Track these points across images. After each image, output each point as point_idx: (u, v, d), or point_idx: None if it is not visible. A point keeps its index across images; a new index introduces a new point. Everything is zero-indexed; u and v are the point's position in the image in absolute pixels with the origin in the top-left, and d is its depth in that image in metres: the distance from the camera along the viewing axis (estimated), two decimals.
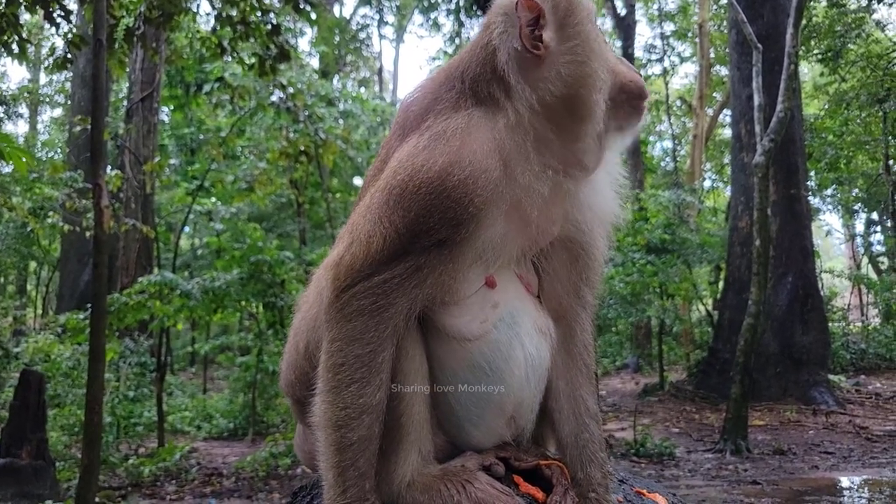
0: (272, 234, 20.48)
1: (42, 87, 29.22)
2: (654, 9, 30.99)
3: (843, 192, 24.52)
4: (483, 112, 1.71)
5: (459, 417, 1.84)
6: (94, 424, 5.34)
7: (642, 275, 15.52)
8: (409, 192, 1.62)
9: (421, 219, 1.61)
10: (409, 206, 1.62)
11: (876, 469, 9.43)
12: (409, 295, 1.66)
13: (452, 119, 1.69)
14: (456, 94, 1.76)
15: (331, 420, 1.65)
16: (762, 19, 15.21)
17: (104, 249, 5.59)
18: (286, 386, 2.05)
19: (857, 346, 18.72)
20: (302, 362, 1.90)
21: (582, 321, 1.98)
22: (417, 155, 1.66)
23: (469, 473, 1.75)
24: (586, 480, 1.84)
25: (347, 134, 16.92)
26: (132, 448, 11.19)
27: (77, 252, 18.75)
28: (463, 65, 1.79)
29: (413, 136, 1.74)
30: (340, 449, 1.63)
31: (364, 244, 1.65)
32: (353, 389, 1.63)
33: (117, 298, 10.57)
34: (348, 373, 1.64)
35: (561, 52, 1.70)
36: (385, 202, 1.65)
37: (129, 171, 14.94)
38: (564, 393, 1.93)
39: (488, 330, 1.78)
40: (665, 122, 31.47)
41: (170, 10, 8.32)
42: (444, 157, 1.62)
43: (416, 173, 1.63)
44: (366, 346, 1.64)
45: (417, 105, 1.83)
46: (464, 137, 1.65)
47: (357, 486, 1.63)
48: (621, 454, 10.66)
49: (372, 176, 1.88)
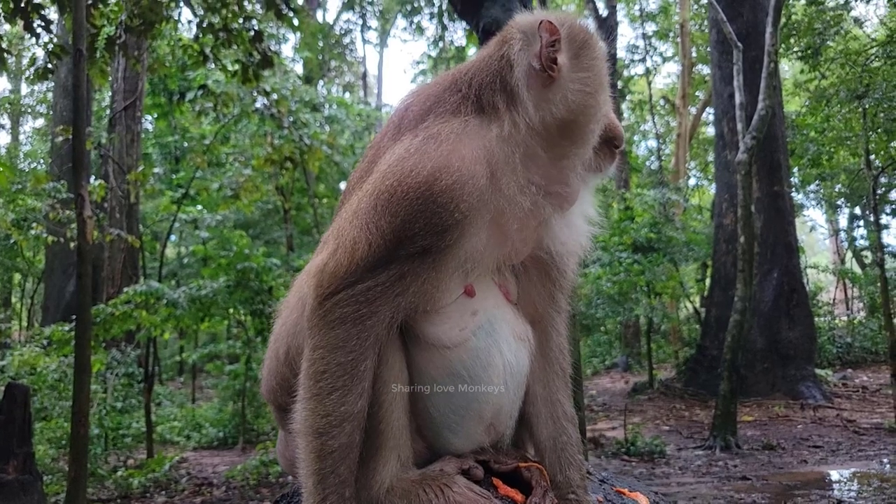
0: (259, 241, 20.43)
1: (23, 97, 29.01)
2: (635, 9, 31.15)
3: (825, 188, 24.69)
4: (480, 120, 1.75)
5: (438, 424, 1.84)
6: (80, 437, 5.30)
7: (629, 274, 15.60)
8: (396, 198, 1.62)
9: (407, 224, 1.61)
10: (396, 212, 1.61)
11: (864, 462, 9.51)
12: (393, 303, 1.66)
13: (449, 123, 1.72)
14: (459, 98, 1.79)
15: (312, 427, 1.64)
16: (742, 18, 15.35)
17: (88, 260, 5.56)
18: (267, 392, 2.03)
19: (842, 341, 18.90)
20: (282, 369, 1.89)
21: (557, 325, 2.00)
22: (408, 158, 1.67)
23: (447, 478, 1.75)
24: (565, 482, 1.87)
25: (333, 139, 16.89)
26: (121, 460, 11.10)
27: (62, 263, 18.59)
28: (472, 72, 1.83)
29: (408, 135, 1.76)
30: (321, 456, 1.63)
31: (349, 250, 1.65)
32: (334, 397, 1.62)
33: (103, 309, 10.50)
34: (330, 381, 1.63)
35: (571, 79, 1.76)
36: (372, 207, 1.65)
37: (113, 180, 14.86)
38: (542, 397, 1.95)
39: (467, 337, 1.79)
40: (649, 121, 31.65)
41: (151, 18, 8.28)
42: (433, 161, 1.63)
43: (404, 178, 1.63)
44: (348, 354, 1.63)
45: (419, 105, 1.83)
46: (455, 143, 1.67)
47: (337, 493, 1.63)
48: (612, 453, 10.69)
49: (358, 178, 1.87)
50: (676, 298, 21.07)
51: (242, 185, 16.43)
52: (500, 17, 5.79)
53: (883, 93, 12.65)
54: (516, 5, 5.87)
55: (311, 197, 19.80)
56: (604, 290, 15.97)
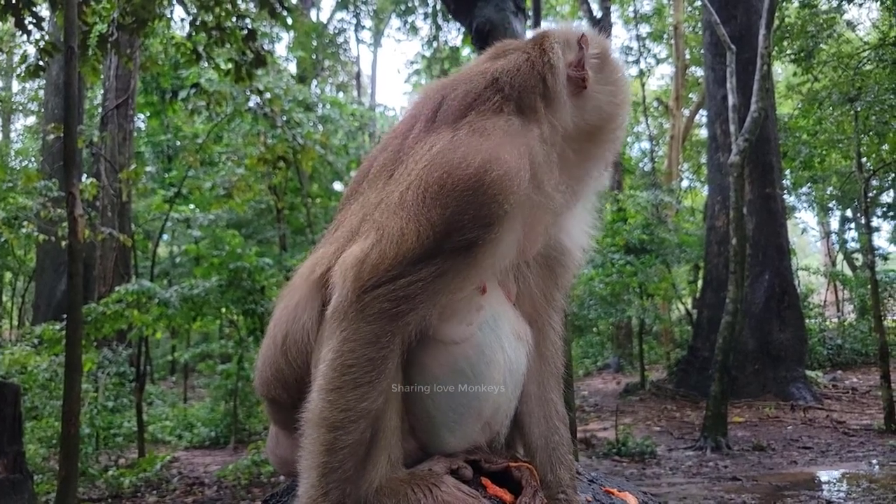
0: (251, 240, 20.34)
1: (15, 95, 28.88)
2: (629, 11, 31.23)
3: (817, 190, 24.81)
4: (521, 120, 1.81)
5: (437, 423, 1.84)
6: (71, 436, 5.28)
7: (622, 275, 15.64)
8: (447, 189, 1.62)
9: (457, 216, 1.62)
10: (447, 203, 1.62)
11: (853, 463, 9.56)
12: (430, 301, 1.65)
13: (494, 120, 1.77)
14: (501, 98, 1.84)
15: (326, 420, 1.61)
16: (735, 21, 15.40)
17: (79, 259, 5.53)
18: (261, 384, 1.98)
19: (833, 342, 18.96)
20: (279, 357, 1.86)
21: (555, 324, 2.03)
22: (455, 150, 1.69)
23: (436, 477, 1.75)
24: (556, 482, 1.87)
25: (326, 139, 16.87)
26: (112, 459, 11.05)
27: (53, 262, 18.50)
28: (511, 73, 1.89)
29: (446, 129, 1.78)
30: (332, 451, 1.60)
31: (396, 241, 1.62)
32: (358, 392, 1.60)
33: (94, 308, 10.45)
34: (357, 375, 1.60)
35: (599, 90, 1.93)
36: (421, 199, 1.64)
37: (105, 179, 14.78)
38: (536, 396, 1.96)
39: (473, 333, 1.79)
40: (642, 123, 31.71)
41: (143, 16, 8.24)
42: (483, 154, 1.66)
43: (454, 169, 1.64)
44: (380, 350, 1.61)
45: (459, 100, 1.85)
46: (503, 138, 1.72)
47: (339, 489, 1.62)
48: (603, 453, 10.72)
49: (380, 168, 1.86)
50: (668, 300, 21.12)
51: (235, 184, 16.38)
52: (494, 17, 5.78)
53: (875, 96, 12.73)
54: (510, 6, 5.87)
55: (304, 197, 19.74)
56: (596, 291, 16.01)
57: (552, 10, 30.67)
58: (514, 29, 5.78)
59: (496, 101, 1.82)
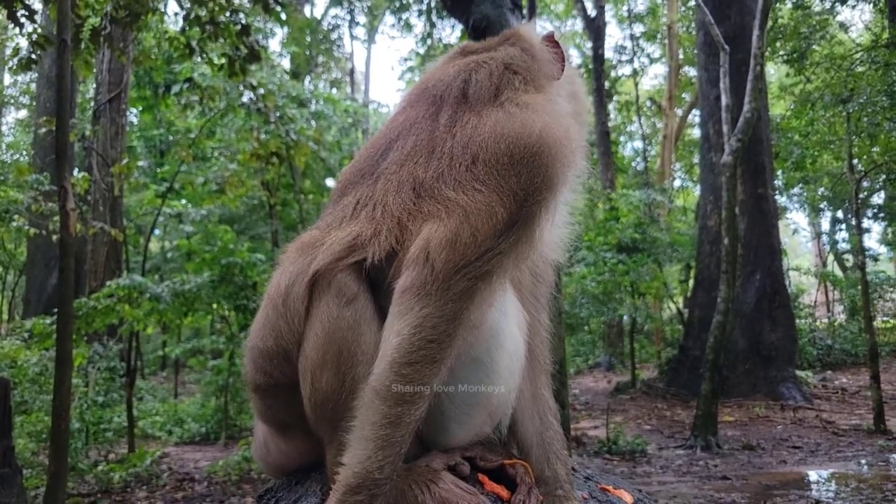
0: (244, 236, 20.32)
1: (7, 88, 28.65)
2: (623, 10, 31.28)
3: (809, 191, 24.94)
4: (546, 96, 1.98)
5: (446, 416, 1.82)
6: (61, 431, 5.26)
7: (614, 274, 15.67)
8: (517, 157, 1.69)
9: (530, 180, 1.67)
10: (520, 170, 1.68)
11: (842, 463, 9.61)
12: (502, 273, 1.69)
13: (531, 95, 1.92)
14: (521, 80, 1.97)
15: (396, 394, 1.59)
16: (729, 21, 15.44)
17: (70, 253, 5.51)
18: (260, 360, 1.90)
19: (823, 343, 19.07)
20: (280, 322, 1.81)
21: (542, 320, 2.05)
22: (511, 122, 1.77)
23: (434, 473, 1.75)
24: (553, 478, 1.87)
25: (319, 135, 16.85)
26: (102, 454, 11.01)
27: (44, 256, 18.41)
28: (518, 59, 2.04)
29: (488, 106, 1.86)
30: (395, 424, 1.58)
31: (485, 216, 1.64)
32: (433, 368, 1.60)
33: (85, 303, 10.40)
34: (434, 351, 1.60)
35: (569, 79, 2.16)
36: (494, 170, 1.69)
37: (97, 173, 14.72)
38: (528, 393, 1.96)
39: (492, 316, 1.79)
40: (635, 122, 31.79)
41: (137, 9, 8.20)
42: (538, 122, 1.75)
43: (518, 138, 1.72)
44: (458, 326, 1.62)
45: (486, 81, 1.94)
46: (548, 108, 1.89)
47: (392, 465, 1.60)
48: (594, 452, 10.75)
49: (409, 151, 1.85)
50: (660, 299, 21.18)
51: (228, 179, 16.35)
52: (491, 13, 5.79)
53: (867, 97, 12.77)
54: (506, 3, 5.87)
55: (296, 193, 19.72)
56: (588, 289, 16.03)
57: (546, 8, 30.70)
58: (511, 25, 5.77)
59: (520, 81, 1.96)
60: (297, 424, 1.88)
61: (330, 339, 1.71)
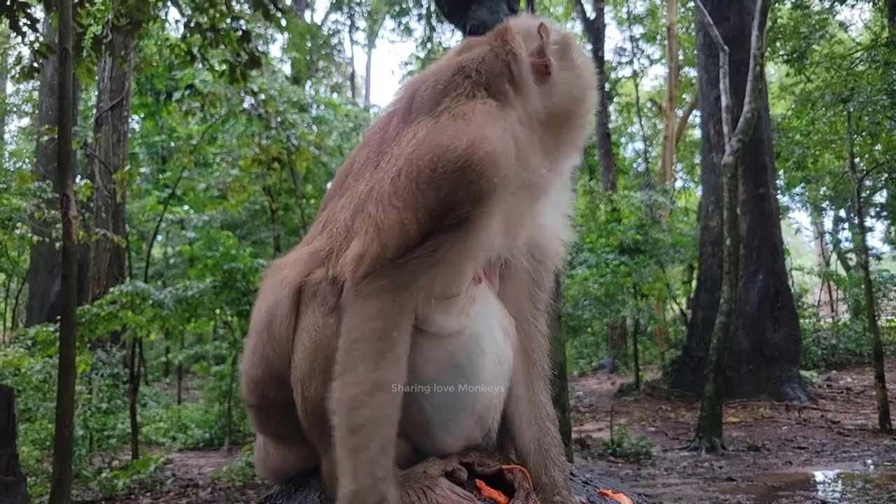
0: (246, 241, 20.32)
1: (9, 96, 28.74)
2: (622, 12, 31.29)
3: (810, 191, 24.90)
4: (498, 104, 1.84)
5: (432, 423, 1.83)
6: (64, 438, 5.26)
7: (616, 275, 15.67)
8: (438, 172, 1.63)
9: (450, 195, 1.63)
10: (440, 185, 1.63)
11: (848, 463, 9.59)
12: (429, 272, 1.67)
13: (471, 103, 1.79)
14: (471, 84, 1.86)
15: (343, 401, 1.61)
16: (728, 22, 15.45)
17: (73, 260, 5.51)
18: (251, 385, 1.93)
19: (827, 342, 19.02)
20: (267, 349, 1.84)
21: (540, 326, 2.03)
22: (440, 134, 1.70)
23: (430, 479, 1.75)
24: (551, 484, 1.87)
25: (320, 140, 16.83)
26: (105, 461, 11.02)
27: (47, 263, 18.44)
28: (477, 61, 1.91)
29: (425, 117, 1.79)
30: (353, 430, 1.60)
31: (396, 233, 1.64)
32: (367, 365, 1.61)
33: (88, 309, 10.41)
34: (364, 347, 1.62)
35: (565, 76, 1.97)
36: (414, 184, 1.65)
37: (99, 180, 14.75)
38: (525, 398, 1.96)
39: (468, 324, 1.80)
40: (636, 123, 31.78)
41: (138, 17, 8.22)
42: (469, 134, 1.67)
43: (443, 152, 1.65)
44: (382, 321, 1.63)
45: (429, 90, 1.87)
46: (485, 119, 1.75)
47: (367, 472, 1.59)
48: (598, 454, 10.72)
49: (364, 163, 1.86)
50: (663, 300, 21.16)
51: (229, 185, 16.36)
52: (487, 19, 5.80)
53: (867, 96, 12.77)
54: (503, 8, 5.89)
55: (298, 198, 19.71)
56: (590, 291, 16.03)
57: (546, 11, 30.71)
58: None
59: (467, 87, 1.84)
60: (294, 435, 1.89)
61: (316, 347, 1.72)
